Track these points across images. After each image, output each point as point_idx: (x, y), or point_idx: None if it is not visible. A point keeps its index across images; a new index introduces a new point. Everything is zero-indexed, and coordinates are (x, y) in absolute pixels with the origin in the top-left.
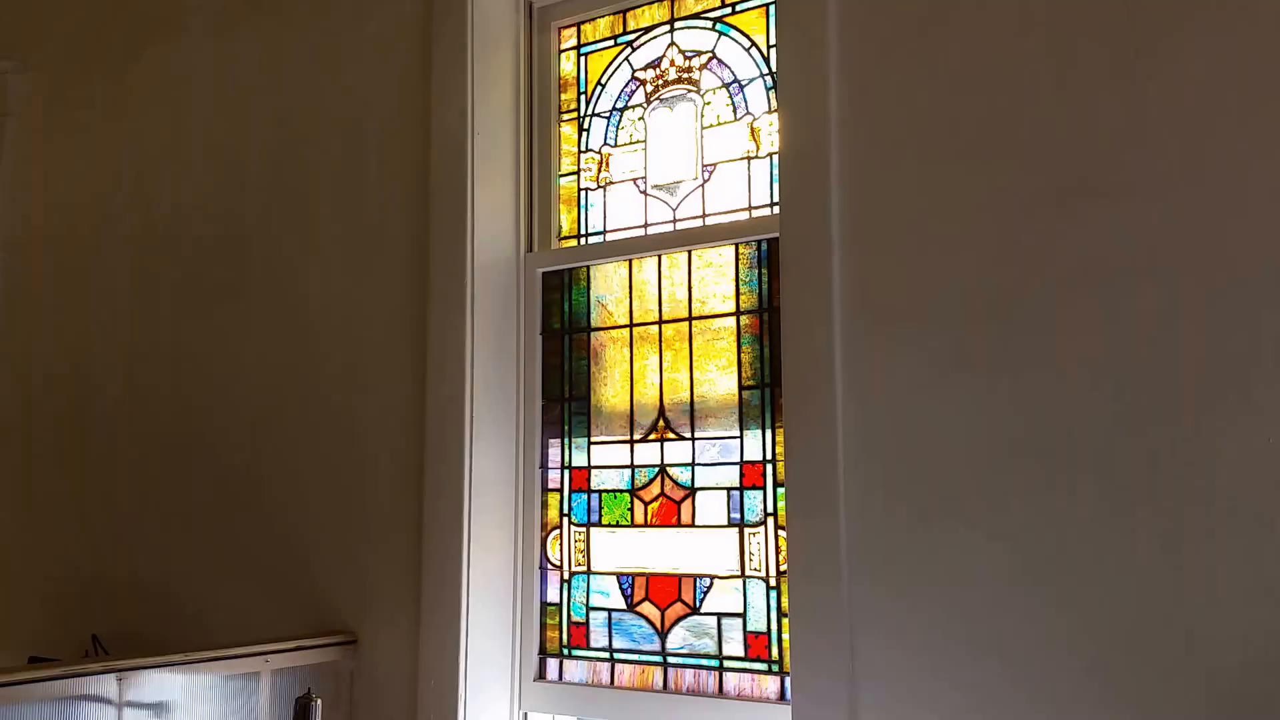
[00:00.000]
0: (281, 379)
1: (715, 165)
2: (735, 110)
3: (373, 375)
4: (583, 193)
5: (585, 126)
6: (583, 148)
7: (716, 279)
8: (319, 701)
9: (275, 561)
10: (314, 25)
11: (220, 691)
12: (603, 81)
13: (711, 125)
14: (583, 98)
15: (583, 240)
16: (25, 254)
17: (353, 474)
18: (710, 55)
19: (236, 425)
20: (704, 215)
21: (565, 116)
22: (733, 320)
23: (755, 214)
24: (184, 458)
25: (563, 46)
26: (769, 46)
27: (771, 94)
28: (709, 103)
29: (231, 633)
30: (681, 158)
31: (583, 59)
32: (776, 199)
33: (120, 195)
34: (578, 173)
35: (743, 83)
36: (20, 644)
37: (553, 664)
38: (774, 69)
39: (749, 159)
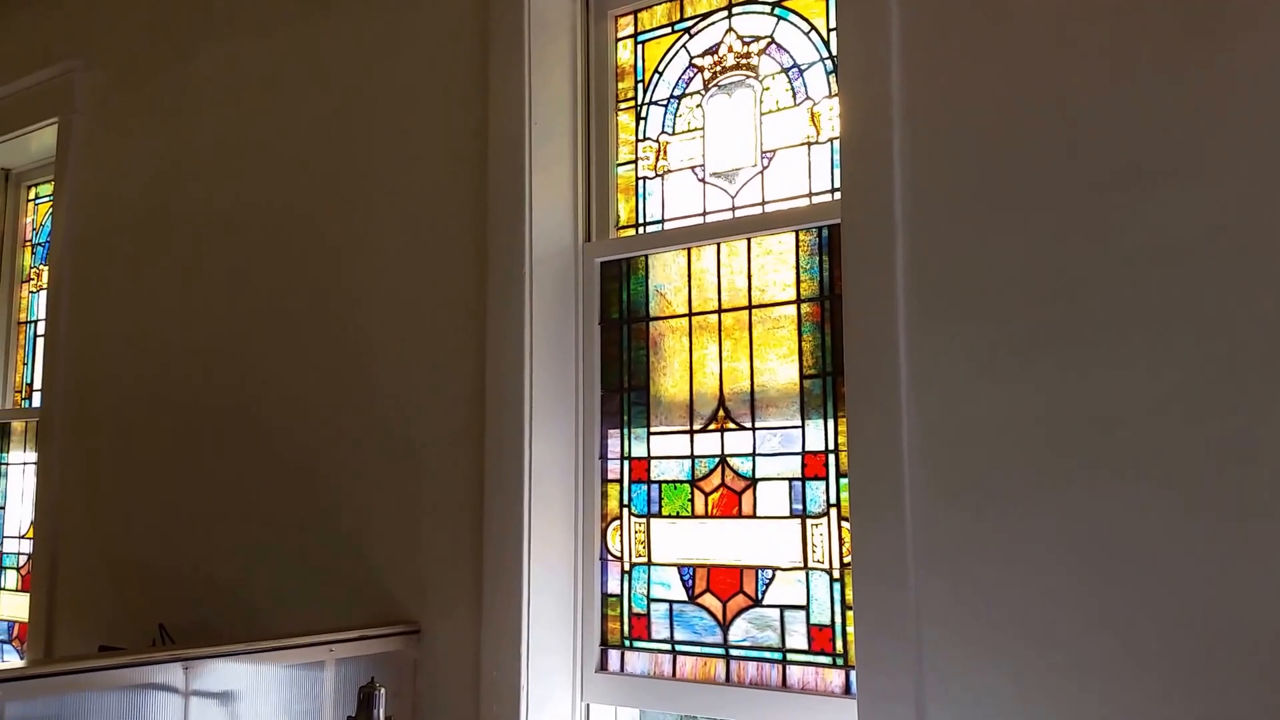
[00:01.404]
0: (341, 373)
1: (774, 151)
2: (795, 95)
3: (432, 367)
4: (640, 181)
5: (642, 115)
6: (640, 136)
7: (777, 266)
8: (382, 690)
9: (336, 552)
10: (369, 18)
11: (285, 680)
12: (660, 69)
13: (771, 111)
14: (640, 86)
15: (641, 229)
16: (92, 251)
17: (413, 465)
18: (769, 40)
19: (298, 420)
20: (763, 202)
21: (622, 105)
22: (793, 308)
23: (816, 200)
24: (247, 453)
25: (619, 35)
26: (829, 30)
27: (832, 78)
28: (768, 88)
29: (294, 623)
30: (740, 145)
31: (640, 47)
32: (837, 185)
33: (178, 192)
34: (635, 161)
35: (802, 67)
36: (89, 633)
37: (614, 655)
38: (834, 53)
39: (809, 144)
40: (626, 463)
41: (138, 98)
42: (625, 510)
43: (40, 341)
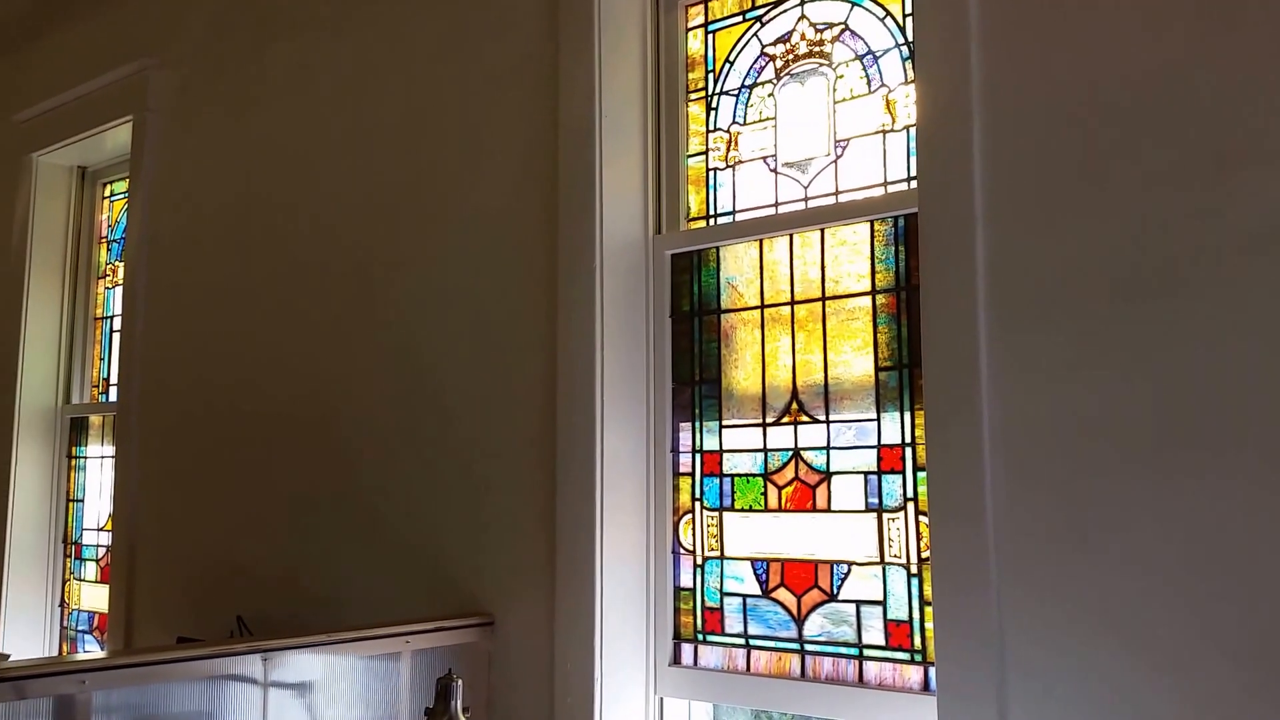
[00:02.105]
0: (415, 368)
1: (849, 140)
2: (869, 83)
3: (504, 362)
4: (711, 173)
5: (713, 105)
6: (711, 127)
7: (851, 257)
8: (460, 682)
9: (410, 545)
10: (437, 13)
11: (362, 671)
12: (731, 59)
13: (844, 99)
14: (710, 76)
15: (711, 221)
16: (167, 248)
17: (486, 459)
18: (843, 27)
19: (371, 414)
20: (837, 192)
21: (693, 96)
22: (868, 299)
23: (891, 189)
24: (321, 447)
25: (690, 25)
26: (905, 15)
27: (908, 64)
28: (842, 76)
29: (369, 615)
30: (813, 134)
31: (710, 37)
32: (914, 173)
33: (251, 188)
34: (706, 152)
35: (877, 54)
36: (167, 624)
37: (687, 649)
38: (910, 38)
39: (884, 132)
40: (698, 456)
41: (210, 95)
42: (697, 504)
43: (116, 337)
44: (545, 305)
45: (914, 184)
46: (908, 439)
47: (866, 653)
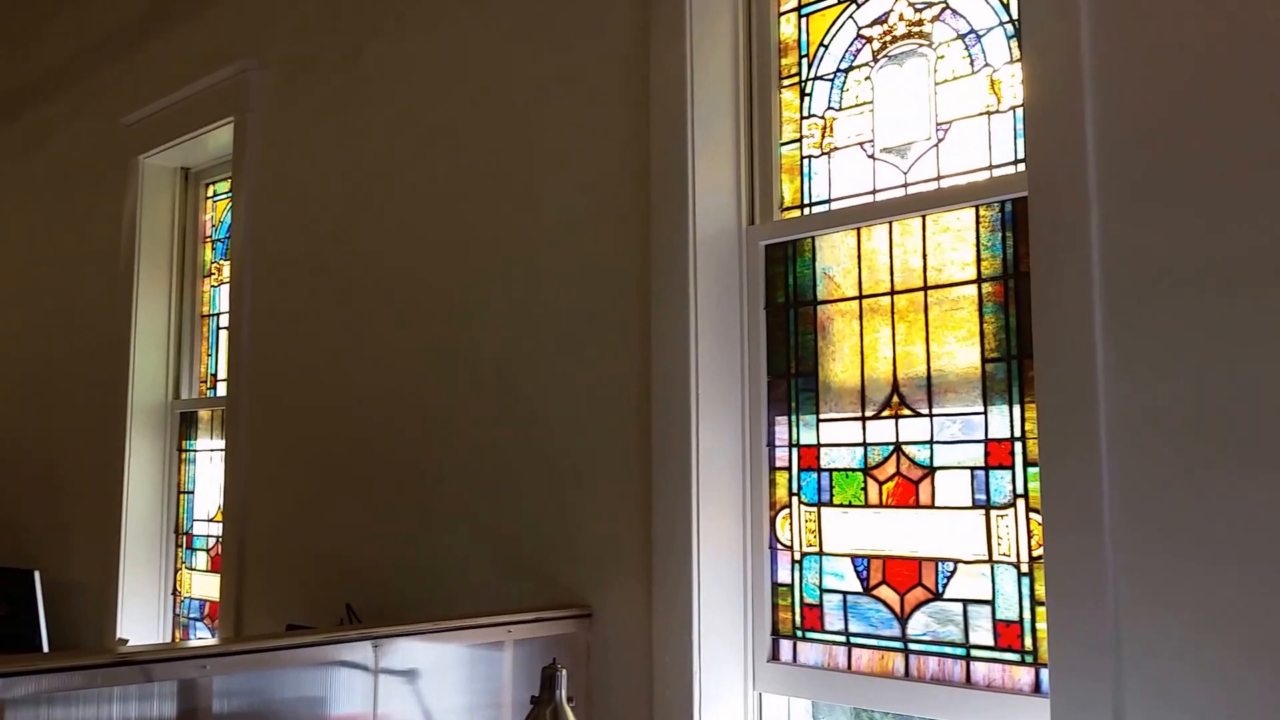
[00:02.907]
0: (511, 362)
1: (951, 123)
2: (972, 63)
3: (597, 355)
4: (805, 160)
5: (807, 91)
6: (805, 113)
7: (955, 244)
8: (564, 671)
9: (510, 537)
10: (529, 8)
11: (465, 659)
12: (825, 43)
13: (946, 80)
14: (804, 61)
15: (806, 210)
16: (270, 246)
17: (580, 453)
18: (943, 5)
19: (471, 408)
20: (939, 177)
21: (786, 82)
22: (974, 288)
23: (997, 173)
24: (424, 440)
25: (782, 9)
26: None
27: (1013, 43)
28: (943, 56)
29: (470, 605)
30: (913, 117)
31: (803, 21)
32: (1021, 156)
33: (350, 187)
34: (800, 140)
35: (980, 33)
36: (277, 612)
37: (786, 645)
38: (1016, 15)
39: (989, 114)
40: (795, 450)
41: (307, 95)
42: (794, 499)
43: (223, 334)
44: (638, 300)
45: (1022, 167)
46: (1017, 433)
47: (974, 653)
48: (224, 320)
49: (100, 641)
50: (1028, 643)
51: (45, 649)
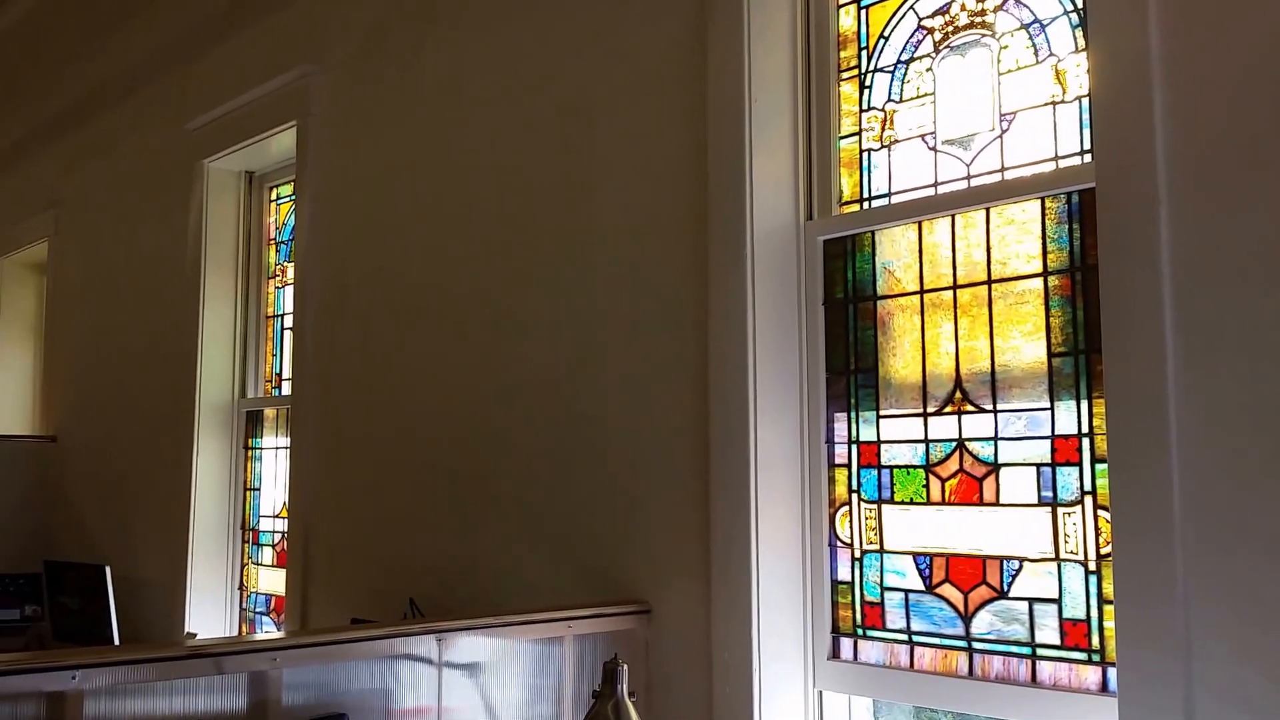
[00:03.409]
0: (568, 359)
1: (1014, 114)
2: (1037, 52)
3: (654, 351)
4: (865, 154)
5: (867, 83)
6: (864, 106)
7: (1019, 237)
8: (625, 666)
9: (569, 534)
10: (586, 5)
11: (527, 654)
12: (885, 34)
13: (1009, 71)
14: (864, 53)
15: (866, 204)
16: (332, 247)
17: (639, 450)
18: None
19: (529, 407)
20: (1003, 169)
21: (845, 74)
22: (1039, 281)
23: (1063, 164)
24: (483, 437)
25: (841, 2)
26: None
27: (1078, 32)
28: (1006, 46)
29: (530, 601)
30: (976, 108)
31: (863, 12)
32: (1088, 146)
33: (410, 189)
34: (859, 133)
35: (1044, 22)
36: (341, 606)
37: (846, 643)
38: (1081, 4)
39: (1053, 104)
40: (854, 447)
41: (368, 98)
42: (854, 496)
43: (288, 335)
44: (695, 296)
45: (1089, 158)
46: (1085, 429)
47: (1040, 652)
48: (288, 321)
49: (169, 635)
50: (1095, 642)
51: (116, 642)
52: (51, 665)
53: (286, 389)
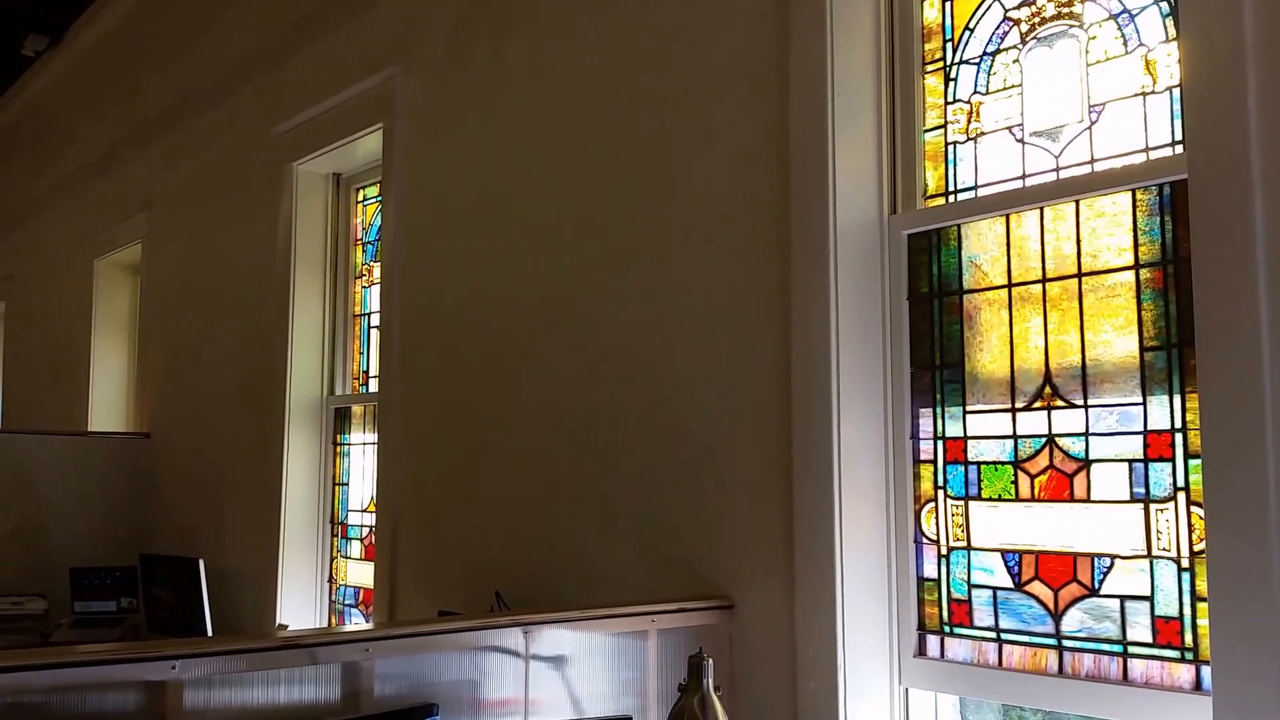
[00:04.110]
0: (651, 356)
1: (1103, 105)
2: (1126, 43)
3: (736, 346)
4: (950, 147)
5: (952, 76)
6: (950, 98)
7: (1110, 229)
8: (711, 661)
9: (652, 529)
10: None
11: (611, 648)
12: (971, 26)
13: (1098, 61)
14: (949, 45)
15: (951, 197)
16: (418, 247)
17: (722, 446)
18: None
19: (613, 403)
20: (1092, 160)
21: (930, 67)
22: (1131, 274)
23: (1154, 155)
24: (569, 434)
25: None
26: None
27: (1169, 21)
28: (1094, 37)
29: (614, 595)
30: (1064, 99)
31: (947, 5)
32: (1179, 137)
33: (494, 188)
34: (944, 126)
35: (1133, 12)
36: (428, 599)
37: (933, 641)
38: None
39: (1143, 95)
40: (940, 443)
41: (451, 100)
42: (940, 492)
43: (374, 333)
44: (777, 291)
45: (1180, 149)
46: (1178, 424)
47: (1131, 649)
48: (374, 319)
49: (260, 627)
50: (1188, 639)
51: (209, 634)
52: (152, 655)
53: (373, 386)
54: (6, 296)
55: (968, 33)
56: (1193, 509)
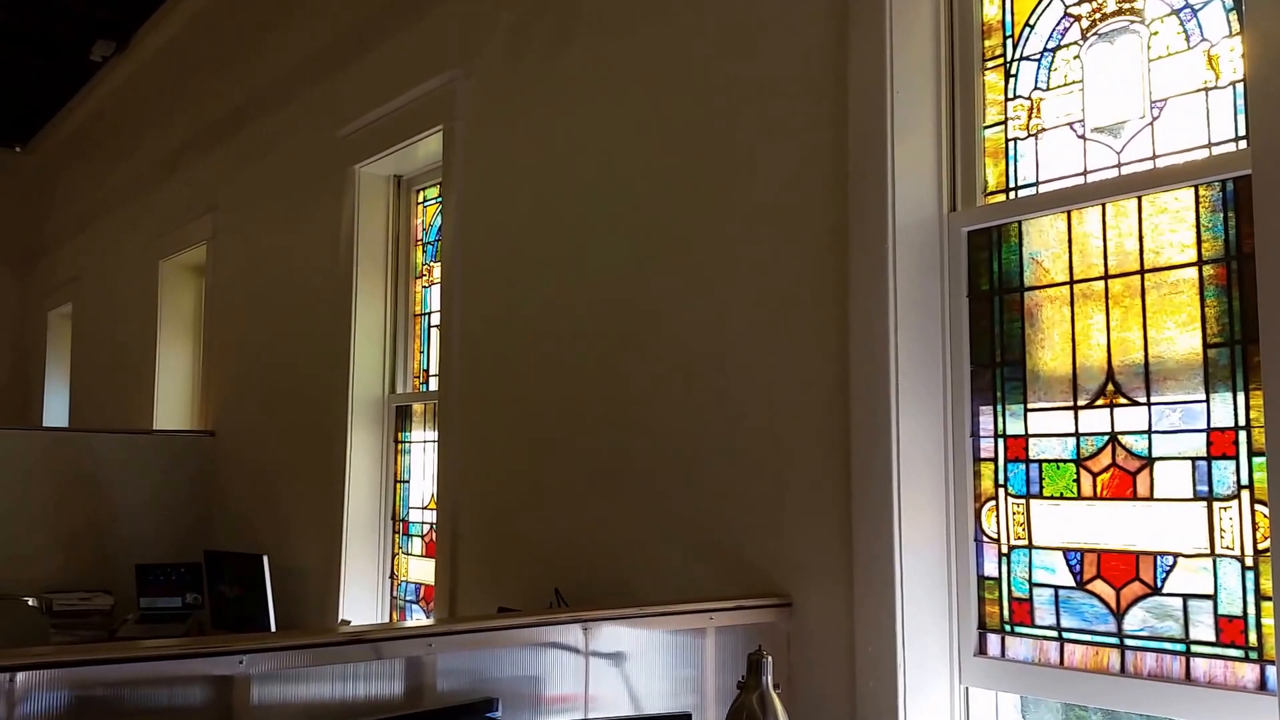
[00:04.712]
0: (707, 353)
1: (1165, 100)
2: (1188, 38)
3: (794, 343)
4: (1010, 143)
5: (1012, 72)
6: (1010, 95)
7: (1173, 226)
8: (770, 658)
9: (709, 527)
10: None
11: (670, 645)
12: (1031, 22)
13: (1160, 57)
14: (1009, 42)
15: (1012, 194)
16: (478, 248)
17: (779, 444)
18: None
19: (670, 401)
20: (1154, 156)
21: (990, 63)
22: (1194, 271)
23: (1217, 151)
24: (627, 433)
25: None
26: None
27: (1232, 16)
28: (1156, 32)
29: (671, 593)
30: (1126, 95)
31: (1007, 1)
32: (1243, 132)
33: (553, 189)
34: (1005, 122)
35: (1195, 7)
36: (488, 596)
37: (993, 640)
38: None
39: (1206, 90)
40: (1001, 441)
41: (510, 102)
42: (1001, 490)
43: (435, 332)
44: (835, 288)
45: (1244, 144)
46: (1241, 421)
47: (1194, 649)
48: (435, 319)
49: (323, 622)
50: (1252, 639)
51: (273, 629)
52: (220, 650)
53: (433, 385)
54: (74, 298)
55: (1028, 29)
56: (1257, 507)
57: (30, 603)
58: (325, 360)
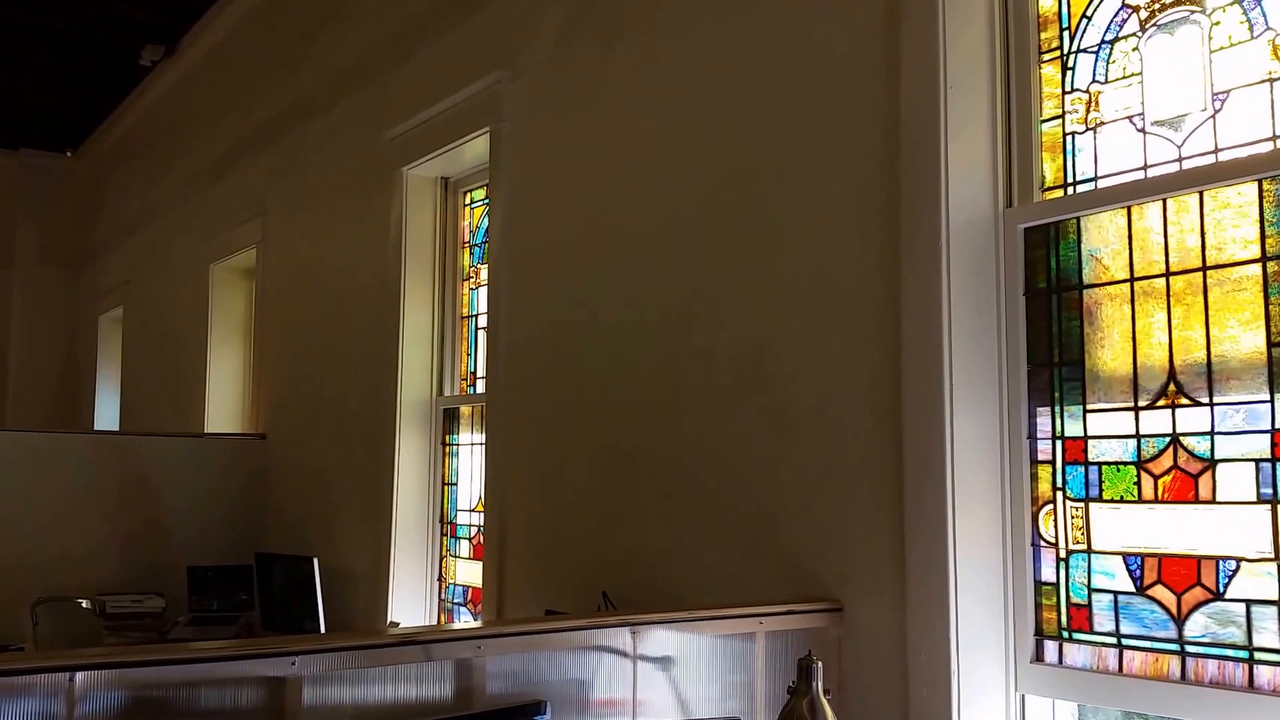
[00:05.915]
0: (759, 354)
1: (1227, 92)
2: (1251, 27)
3: (846, 345)
4: (1068, 137)
5: (1069, 65)
6: (1067, 88)
7: (1236, 221)
8: (820, 664)
9: (760, 531)
10: None
11: (718, 649)
12: (1088, 14)
13: (1221, 48)
14: (1065, 34)
15: (1070, 190)
16: (526, 249)
17: (831, 446)
18: None
19: (720, 402)
20: (1216, 150)
21: (1046, 56)
22: (1258, 267)
23: None
24: (675, 434)
25: None
26: None
27: None
28: (1217, 23)
29: (720, 597)
30: (1186, 88)
31: None
32: None
33: (601, 189)
34: (1062, 116)
35: None
36: (536, 599)
37: (1050, 646)
38: None
39: (1270, 81)
40: (1059, 443)
41: (557, 103)
42: (1059, 494)
43: (482, 334)
44: (887, 287)
45: None
46: None
47: (1258, 655)
48: (482, 321)
49: (372, 625)
50: None
51: (322, 631)
52: (273, 651)
53: (480, 387)
54: (125, 301)
55: (1085, 20)
56: None
57: (84, 605)
58: (374, 363)
